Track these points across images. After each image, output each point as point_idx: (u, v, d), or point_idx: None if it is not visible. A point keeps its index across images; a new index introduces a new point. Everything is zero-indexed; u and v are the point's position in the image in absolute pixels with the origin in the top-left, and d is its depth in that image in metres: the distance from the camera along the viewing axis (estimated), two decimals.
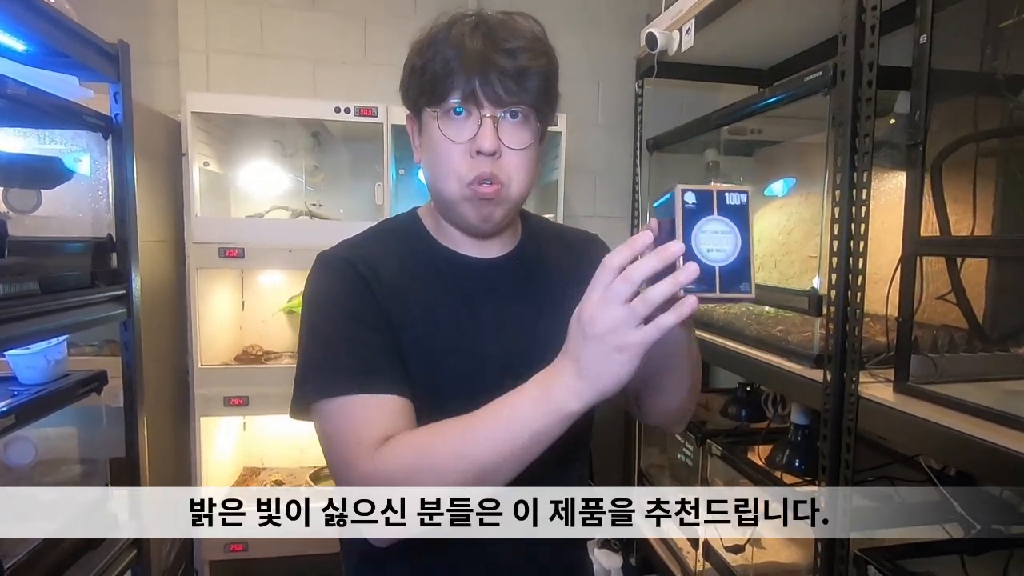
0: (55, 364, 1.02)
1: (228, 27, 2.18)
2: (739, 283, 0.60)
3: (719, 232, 0.60)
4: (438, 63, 0.69)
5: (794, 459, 1.38)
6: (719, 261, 0.60)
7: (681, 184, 0.62)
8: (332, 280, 0.74)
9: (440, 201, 0.75)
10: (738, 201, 0.61)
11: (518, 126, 0.71)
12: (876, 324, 1.23)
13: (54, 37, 0.90)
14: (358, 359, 0.69)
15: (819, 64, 1.16)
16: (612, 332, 0.55)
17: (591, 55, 2.36)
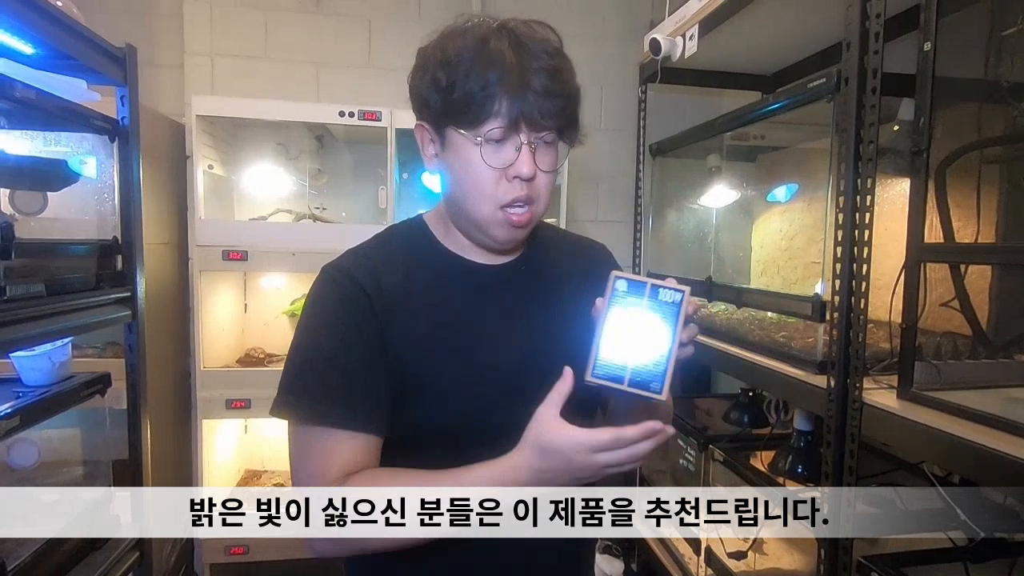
0: (59, 366, 1.02)
1: (232, 30, 2.19)
2: (650, 381, 0.60)
3: (643, 326, 0.60)
4: (474, 84, 0.67)
5: (797, 465, 1.38)
6: (635, 355, 0.60)
7: (617, 272, 0.63)
8: (330, 298, 0.74)
9: (466, 219, 0.75)
10: (671, 299, 0.60)
11: (550, 148, 0.73)
12: (879, 330, 1.23)
13: (62, 40, 0.91)
14: (334, 391, 0.70)
15: (823, 70, 1.16)
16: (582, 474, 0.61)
17: (595, 60, 2.37)
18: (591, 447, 0.60)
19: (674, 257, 2.11)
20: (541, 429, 0.62)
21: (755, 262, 2.08)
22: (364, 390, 0.71)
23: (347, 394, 0.70)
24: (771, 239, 2.01)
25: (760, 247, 2.07)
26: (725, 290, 1.63)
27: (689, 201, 2.11)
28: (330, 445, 0.69)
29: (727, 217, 2.02)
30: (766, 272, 2.02)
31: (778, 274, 1.95)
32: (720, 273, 1.86)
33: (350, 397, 0.70)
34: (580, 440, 0.60)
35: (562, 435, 0.60)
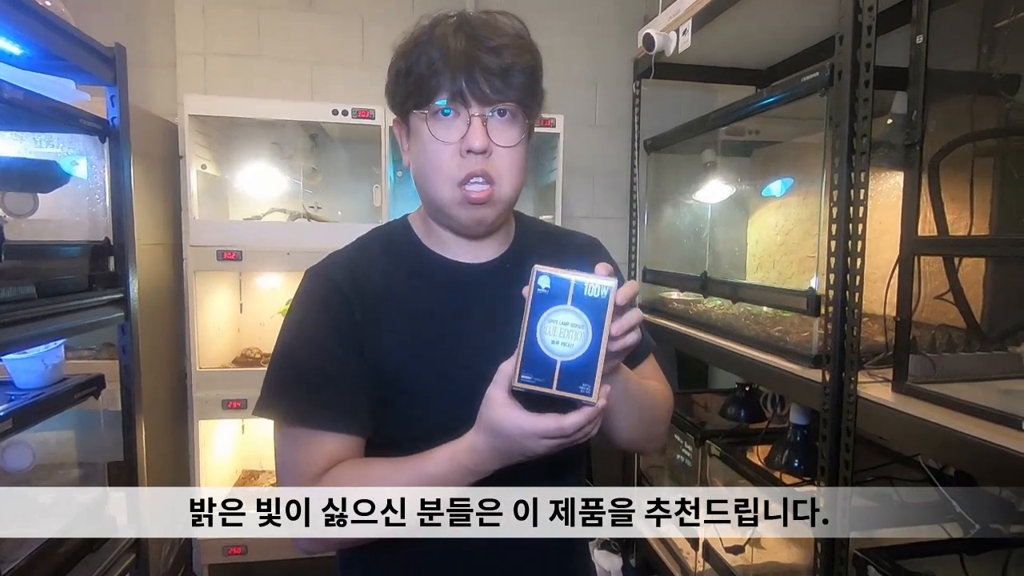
0: (52, 368, 1.01)
1: (225, 29, 2.18)
2: (579, 383, 0.57)
3: (568, 324, 0.57)
4: (423, 64, 0.69)
5: (793, 459, 1.38)
6: (563, 356, 0.57)
7: (539, 265, 0.59)
8: (312, 301, 0.75)
9: (431, 204, 0.75)
10: (598, 294, 0.57)
11: (506, 124, 0.72)
12: (874, 324, 1.23)
13: (51, 41, 0.90)
14: (315, 393, 0.71)
15: (816, 64, 1.16)
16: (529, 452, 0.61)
17: (589, 56, 2.37)
18: (536, 433, 0.60)
19: (669, 253, 2.11)
20: (490, 411, 0.62)
21: (750, 257, 2.08)
22: (345, 392, 0.71)
23: (328, 396, 0.71)
24: (766, 234, 2.01)
25: (756, 242, 2.07)
26: (720, 285, 1.63)
27: (684, 197, 2.11)
28: (313, 445, 0.70)
29: (722, 212, 2.02)
30: (762, 267, 2.02)
31: (773, 268, 1.95)
32: (715, 268, 1.86)
33: (331, 399, 0.71)
34: (524, 426, 0.60)
35: (509, 420, 0.60)
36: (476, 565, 0.76)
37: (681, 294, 1.98)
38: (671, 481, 1.97)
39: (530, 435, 0.60)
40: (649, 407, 0.77)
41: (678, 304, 1.93)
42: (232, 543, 1.89)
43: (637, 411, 0.74)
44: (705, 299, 1.80)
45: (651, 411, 0.78)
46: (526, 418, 0.60)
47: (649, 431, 0.80)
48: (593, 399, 0.57)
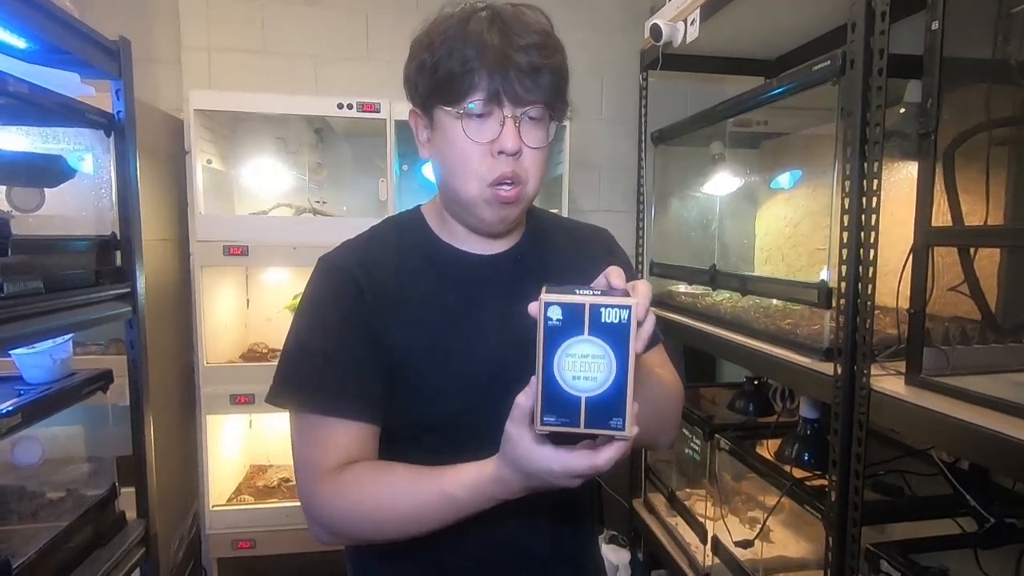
0: (60, 363, 1.01)
1: (229, 25, 2.17)
2: (609, 418, 0.52)
3: (590, 356, 0.52)
4: (455, 61, 0.68)
5: (803, 453, 1.37)
6: (587, 391, 0.52)
7: (547, 293, 0.53)
8: (325, 289, 0.75)
9: (455, 201, 0.75)
10: (617, 318, 0.51)
11: (536, 125, 0.71)
12: (886, 316, 1.22)
13: (55, 33, 0.90)
14: (331, 380, 0.71)
15: (827, 53, 1.14)
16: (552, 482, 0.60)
17: (595, 49, 2.35)
18: (568, 473, 0.58)
19: (677, 246, 2.10)
20: (516, 451, 0.59)
21: (759, 250, 2.06)
22: (359, 380, 0.72)
23: (342, 383, 0.71)
24: (775, 226, 1.99)
25: (764, 234, 2.05)
26: (729, 278, 1.61)
27: (692, 189, 2.09)
28: (328, 434, 0.70)
29: (730, 205, 2.00)
30: (770, 259, 2.01)
31: (782, 261, 1.93)
32: (724, 261, 1.84)
33: (345, 386, 0.71)
34: (553, 467, 0.57)
35: (536, 460, 0.58)
36: (491, 560, 0.75)
37: (689, 287, 1.97)
38: (680, 476, 1.97)
39: (560, 475, 0.58)
40: (662, 399, 0.76)
41: (686, 298, 1.92)
42: (241, 536, 1.89)
43: (651, 404, 0.73)
44: (714, 292, 1.78)
45: (664, 403, 0.77)
46: (555, 457, 0.57)
47: (663, 424, 0.79)
48: (627, 433, 0.53)
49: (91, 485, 1.07)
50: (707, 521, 1.67)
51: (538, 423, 0.53)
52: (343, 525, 0.69)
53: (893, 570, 0.99)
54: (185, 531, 2.15)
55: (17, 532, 0.92)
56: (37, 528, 0.93)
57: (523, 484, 0.61)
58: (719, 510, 1.65)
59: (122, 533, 1.07)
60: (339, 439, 0.70)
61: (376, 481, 0.67)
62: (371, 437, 0.72)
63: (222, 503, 1.93)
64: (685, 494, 1.92)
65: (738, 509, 1.72)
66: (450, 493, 0.64)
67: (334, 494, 0.68)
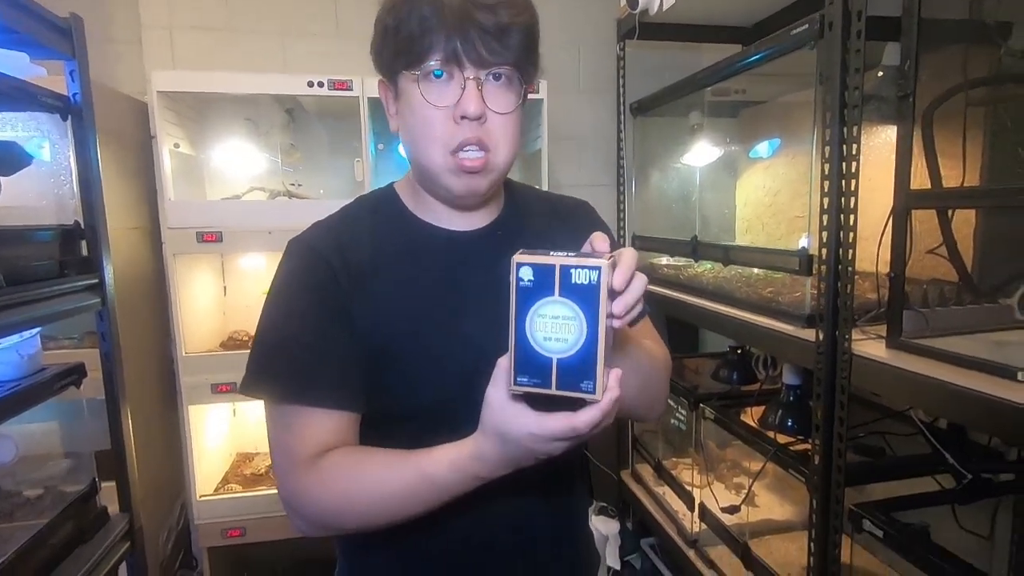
0: (28, 359, 0.98)
1: (192, 2, 2.08)
2: (580, 380, 0.52)
3: (560, 317, 0.52)
4: (414, 21, 0.64)
5: (787, 419, 1.39)
6: (558, 352, 0.52)
7: (519, 255, 0.53)
8: (296, 272, 0.72)
9: (422, 171, 0.72)
10: (587, 279, 0.51)
11: (502, 88, 0.68)
12: (865, 281, 1.23)
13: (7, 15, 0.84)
14: (304, 368, 0.69)
15: (806, 17, 1.13)
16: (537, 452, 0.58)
17: (571, 18, 2.30)
18: (547, 436, 0.56)
19: (659, 218, 2.09)
20: (495, 417, 0.58)
21: (739, 219, 2.07)
22: (335, 366, 0.69)
23: (317, 370, 0.69)
24: (755, 196, 1.99)
25: (744, 204, 2.06)
26: (711, 249, 1.62)
27: (672, 161, 2.08)
28: (305, 423, 0.68)
29: (710, 175, 2.00)
30: (751, 229, 2.01)
31: (763, 231, 1.94)
32: (705, 232, 1.84)
33: (321, 373, 0.69)
34: (533, 430, 0.56)
35: (516, 424, 0.57)
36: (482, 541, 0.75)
37: (671, 259, 1.97)
38: (666, 445, 1.99)
39: (540, 439, 0.57)
40: (649, 371, 0.76)
41: (668, 270, 1.92)
42: (231, 525, 1.88)
43: (639, 376, 0.72)
44: (696, 263, 1.78)
45: (652, 375, 0.77)
46: (535, 420, 0.56)
47: (652, 396, 0.79)
48: (597, 395, 0.52)
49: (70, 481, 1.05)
50: (694, 489, 1.70)
51: (512, 383, 0.54)
52: (325, 516, 0.67)
53: (876, 528, 1.02)
54: (173, 522, 2.13)
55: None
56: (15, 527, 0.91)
57: (503, 456, 0.60)
58: (705, 477, 1.68)
59: (105, 528, 1.05)
60: (316, 429, 0.68)
61: (356, 469, 0.66)
62: (350, 425, 0.70)
63: (209, 493, 1.91)
64: (672, 463, 1.95)
65: (724, 476, 1.75)
66: (430, 474, 0.62)
67: (314, 484, 0.67)
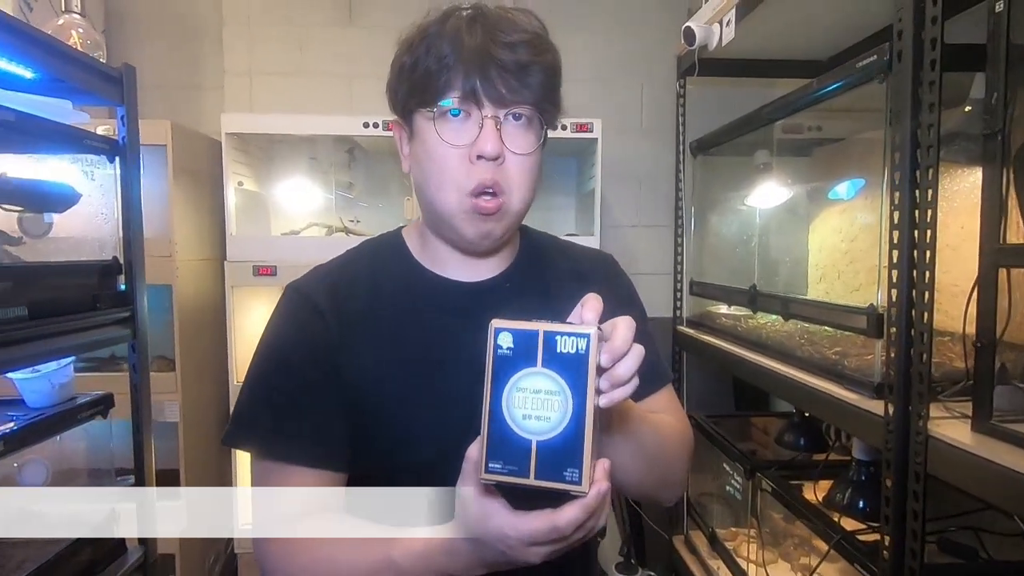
0: (60, 388, 1.03)
1: (269, 48, 2.24)
2: (564, 467, 0.44)
3: (542, 391, 0.45)
4: (432, 59, 0.62)
5: (856, 499, 1.21)
6: (538, 434, 0.45)
7: (496, 320, 0.46)
8: (286, 319, 0.70)
9: (433, 214, 0.68)
10: (575, 348, 0.44)
11: (521, 128, 0.64)
12: (955, 345, 1.05)
13: (59, 67, 0.91)
14: (289, 423, 0.65)
15: (875, 48, 1.01)
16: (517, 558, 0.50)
17: (630, 56, 2.25)
18: (524, 539, 0.48)
19: (719, 263, 1.95)
20: (467, 515, 0.51)
21: (813, 267, 1.89)
22: (319, 421, 0.66)
23: (301, 425, 0.65)
24: (830, 241, 1.81)
25: (818, 250, 1.88)
26: (770, 300, 1.47)
27: (735, 202, 1.94)
28: (282, 479, 0.64)
29: (778, 219, 1.84)
30: (825, 277, 1.83)
31: (838, 279, 1.75)
32: (770, 280, 1.69)
33: (304, 429, 0.65)
34: (507, 532, 0.48)
35: (489, 526, 0.49)
36: None
37: (730, 308, 1.82)
38: (725, 511, 1.81)
39: (516, 543, 0.48)
40: (657, 452, 0.66)
41: (726, 320, 1.77)
42: None
43: (642, 460, 0.63)
44: (756, 314, 1.63)
45: (661, 456, 0.67)
46: (508, 521, 0.48)
47: (662, 478, 0.69)
48: (583, 487, 0.44)
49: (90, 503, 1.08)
50: (751, 565, 1.51)
51: (482, 470, 0.46)
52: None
53: None
54: (222, 547, 2.18)
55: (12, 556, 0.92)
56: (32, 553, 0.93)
57: (476, 557, 0.53)
58: (763, 555, 1.49)
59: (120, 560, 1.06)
60: (300, 487, 0.64)
61: (326, 543, 0.62)
62: (331, 483, 0.66)
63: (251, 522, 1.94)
64: (730, 533, 1.76)
65: (790, 554, 1.55)
66: (396, 561, 0.57)
67: (284, 554, 0.63)
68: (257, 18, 2.22)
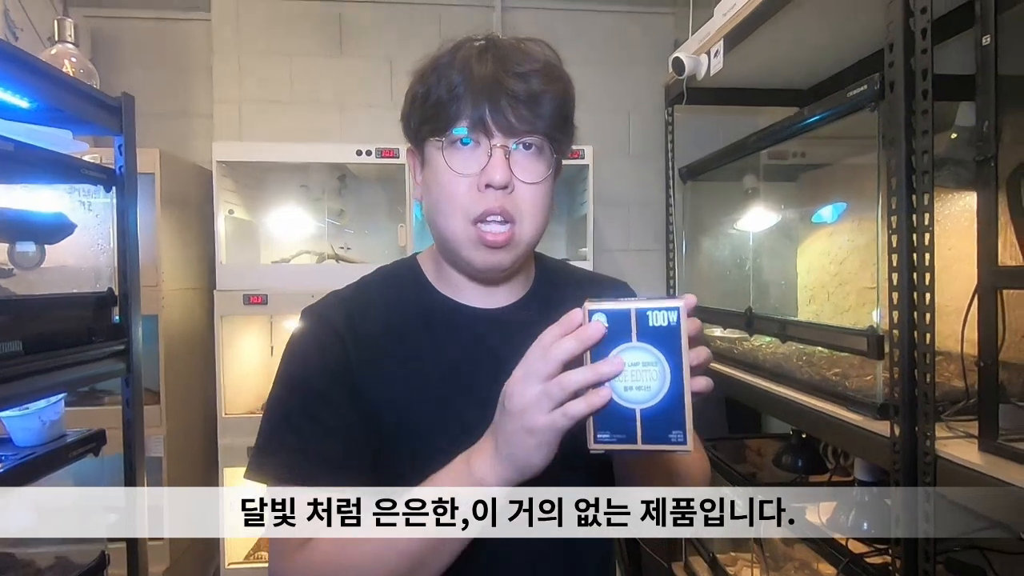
0: (50, 425, 0.98)
1: (259, 77, 2.24)
2: (668, 431, 0.48)
3: (640, 364, 0.49)
4: (443, 88, 0.63)
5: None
6: (641, 402, 0.49)
7: (590, 301, 0.50)
8: (305, 344, 0.68)
9: (443, 242, 0.68)
10: (666, 320, 0.49)
11: (531, 157, 0.65)
12: (950, 364, 1.07)
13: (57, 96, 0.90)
14: (310, 446, 0.64)
15: (865, 78, 1.05)
16: (524, 411, 0.51)
17: (619, 85, 2.30)
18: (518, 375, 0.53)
19: (711, 287, 1.97)
20: None
21: (802, 288, 1.92)
22: (338, 446, 0.64)
23: (323, 449, 0.64)
24: (818, 263, 1.85)
25: (806, 272, 1.91)
26: (767, 323, 1.48)
27: (725, 226, 1.98)
28: None
29: (767, 242, 1.88)
30: (815, 299, 1.86)
31: (828, 301, 1.79)
32: (762, 303, 1.71)
33: (326, 453, 0.64)
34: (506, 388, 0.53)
35: None
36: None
37: (724, 331, 1.84)
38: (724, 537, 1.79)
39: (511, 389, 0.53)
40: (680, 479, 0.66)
41: (721, 343, 1.79)
42: None
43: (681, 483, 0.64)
44: (751, 337, 1.65)
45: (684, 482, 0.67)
46: None
47: None
48: (688, 447, 0.49)
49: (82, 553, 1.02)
50: None
51: (591, 441, 0.50)
52: None
53: None
54: None
55: None
56: None
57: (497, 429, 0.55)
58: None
59: None
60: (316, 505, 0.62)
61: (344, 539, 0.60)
62: None
63: (239, 561, 1.87)
64: (730, 558, 1.74)
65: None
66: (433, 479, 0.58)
67: (304, 564, 0.60)
68: (247, 47, 2.23)
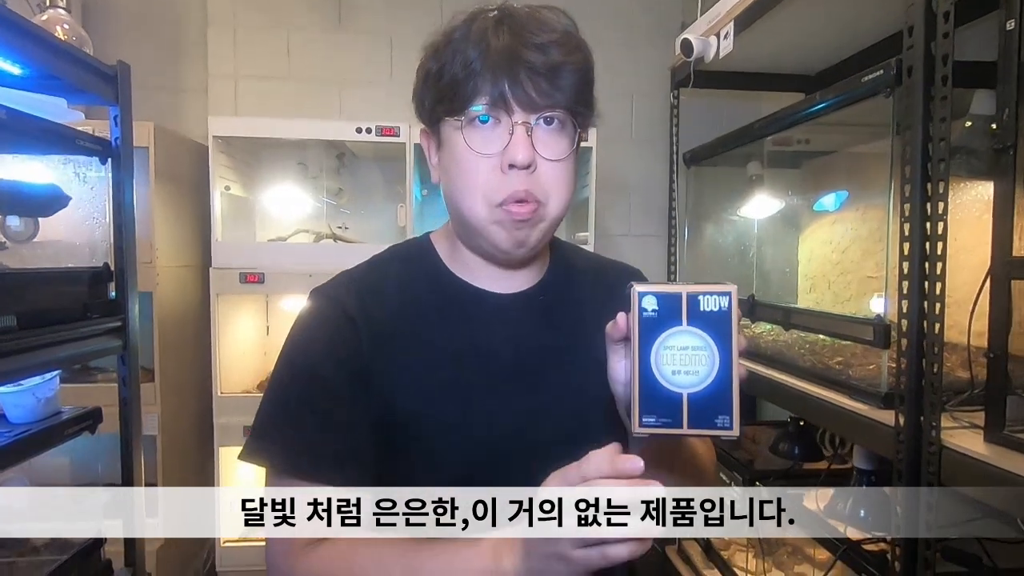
0: (45, 402, 0.96)
1: (255, 52, 2.18)
2: (715, 415, 0.48)
3: (690, 348, 0.49)
4: (458, 64, 0.59)
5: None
6: (688, 387, 0.49)
7: (638, 285, 0.50)
8: (313, 326, 0.66)
9: (464, 225, 0.65)
10: (717, 306, 0.49)
11: (554, 133, 0.62)
12: (954, 355, 1.07)
13: (48, 61, 0.86)
14: (312, 435, 0.62)
15: (881, 63, 1.02)
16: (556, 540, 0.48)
17: (624, 67, 2.26)
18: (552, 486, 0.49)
19: (713, 273, 1.96)
20: None
21: (803, 277, 1.91)
22: (342, 436, 0.62)
23: (326, 439, 0.62)
24: (820, 251, 1.84)
25: (808, 260, 1.90)
26: (771, 310, 1.48)
27: (728, 213, 1.96)
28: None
29: (770, 229, 1.87)
30: (815, 288, 1.85)
31: (828, 289, 1.78)
32: (764, 290, 1.71)
33: (329, 442, 0.62)
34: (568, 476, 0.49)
35: None
36: None
37: None
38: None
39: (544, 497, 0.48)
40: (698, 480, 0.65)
41: None
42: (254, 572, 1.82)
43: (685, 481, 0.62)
44: (752, 324, 1.64)
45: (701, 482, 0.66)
46: None
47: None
48: (735, 432, 0.49)
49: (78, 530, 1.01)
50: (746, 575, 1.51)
51: (635, 425, 0.49)
52: None
53: None
54: (200, 565, 2.09)
55: None
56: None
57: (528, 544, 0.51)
58: (763, 564, 1.49)
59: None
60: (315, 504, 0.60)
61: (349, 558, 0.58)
62: None
63: (234, 539, 1.87)
64: (723, 543, 1.75)
65: (784, 563, 1.55)
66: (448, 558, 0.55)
67: (307, 571, 0.59)
68: (243, 20, 2.17)
